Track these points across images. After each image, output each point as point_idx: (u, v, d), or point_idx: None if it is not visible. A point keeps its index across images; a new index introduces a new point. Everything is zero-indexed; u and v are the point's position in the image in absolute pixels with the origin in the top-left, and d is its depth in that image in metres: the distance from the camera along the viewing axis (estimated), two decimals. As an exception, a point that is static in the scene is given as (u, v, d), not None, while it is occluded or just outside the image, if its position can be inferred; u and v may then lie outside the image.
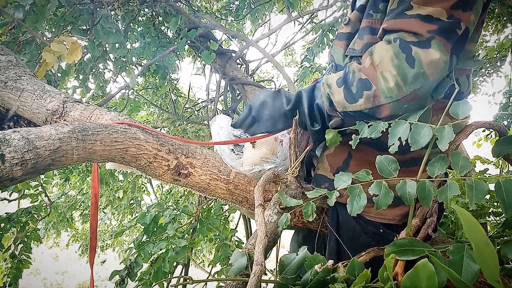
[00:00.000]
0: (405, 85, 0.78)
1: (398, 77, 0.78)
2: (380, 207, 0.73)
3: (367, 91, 0.82)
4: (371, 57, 0.84)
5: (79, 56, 1.45)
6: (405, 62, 0.77)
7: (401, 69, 0.77)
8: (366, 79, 0.83)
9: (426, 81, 0.77)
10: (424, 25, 0.78)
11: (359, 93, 0.84)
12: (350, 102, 0.86)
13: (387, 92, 0.80)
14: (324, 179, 1.06)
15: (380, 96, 0.81)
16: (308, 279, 0.66)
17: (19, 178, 0.79)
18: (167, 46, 2.90)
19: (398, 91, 0.79)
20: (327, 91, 0.91)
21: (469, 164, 0.71)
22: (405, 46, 0.78)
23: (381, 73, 0.80)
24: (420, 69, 0.77)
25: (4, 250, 2.24)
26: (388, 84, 0.79)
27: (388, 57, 0.79)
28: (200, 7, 3.76)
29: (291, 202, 0.90)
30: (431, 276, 0.45)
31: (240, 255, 0.80)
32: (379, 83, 0.80)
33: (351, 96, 0.85)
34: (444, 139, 0.71)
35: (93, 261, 1.12)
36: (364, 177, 0.79)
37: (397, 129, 0.80)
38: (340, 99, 0.88)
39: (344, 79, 0.88)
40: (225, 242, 2.10)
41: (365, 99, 0.83)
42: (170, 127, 3.99)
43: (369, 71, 0.83)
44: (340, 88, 0.88)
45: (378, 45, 0.84)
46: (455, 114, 0.76)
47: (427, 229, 0.82)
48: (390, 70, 0.79)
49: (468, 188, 0.66)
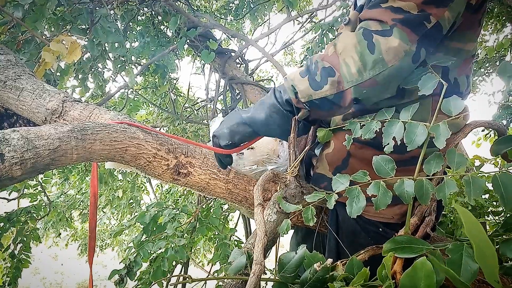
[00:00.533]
0: (365, 71, 0.81)
1: (360, 62, 0.81)
2: (379, 207, 0.73)
3: (331, 78, 0.85)
4: (334, 46, 0.87)
5: (78, 55, 1.45)
6: (366, 48, 0.81)
7: (362, 55, 0.81)
8: (330, 66, 0.86)
9: (385, 68, 0.80)
10: (391, 14, 0.81)
11: (324, 80, 0.86)
12: (315, 89, 0.88)
13: (349, 77, 0.83)
14: (323, 178, 1.07)
15: (343, 81, 0.84)
16: (307, 278, 0.66)
17: (19, 178, 0.79)
18: (167, 45, 2.90)
19: (358, 76, 0.82)
20: (290, 83, 0.92)
21: (464, 160, 0.71)
22: (368, 33, 0.82)
23: (343, 60, 0.84)
24: (379, 55, 0.80)
25: (4, 250, 2.24)
26: (350, 69, 0.83)
27: (351, 44, 0.83)
28: (200, 6, 3.76)
29: (290, 207, 0.90)
30: (430, 275, 0.45)
31: (239, 254, 0.80)
32: (341, 68, 0.84)
33: (316, 83, 0.88)
34: (440, 137, 0.72)
35: (92, 261, 1.12)
36: (361, 178, 0.79)
37: (391, 129, 0.81)
38: (305, 88, 0.89)
39: (307, 70, 0.91)
40: (225, 242, 2.10)
41: (330, 85, 0.86)
42: (170, 126, 3.99)
43: (332, 58, 0.86)
44: (304, 78, 0.90)
45: (343, 34, 0.88)
46: (447, 111, 0.76)
47: (426, 228, 0.82)
48: (352, 56, 0.82)
49: (466, 184, 0.66)
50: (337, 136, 1.05)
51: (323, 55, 0.89)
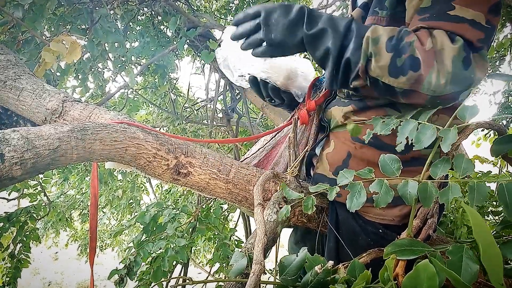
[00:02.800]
0: (453, 85, 0.74)
1: (451, 75, 0.74)
2: (379, 205, 0.73)
3: (413, 72, 0.75)
4: (432, 40, 0.76)
5: (78, 55, 1.45)
6: (462, 62, 0.74)
7: (457, 69, 0.74)
8: (419, 59, 0.75)
9: (471, 86, 0.76)
10: (473, 32, 0.76)
11: (405, 70, 0.75)
12: (391, 75, 0.77)
13: (433, 85, 0.74)
14: (324, 178, 1.06)
15: (423, 84, 0.75)
16: (308, 280, 0.66)
17: (19, 178, 0.79)
18: (166, 45, 2.90)
19: (444, 88, 0.75)
20: (370, 49, 0.78)
21: (472, 166, 0.71)
22: (466, 47, 0.75)
23: (438, 63, 0.74)
24: (472, 73, 0.75)
25: (3, 250, 2.24)
26: (439, 80, 0.74)
27: (451, 52, 0.74)
28: (200, 7, 3.76)
29: (293, 194, 0.90)
30: (432, 277, 0.45)
31: (240, 256, 0.80)
32: (431, 73, 0.74)
33: (395, 68, 0.76)
34: (447, 141, 0.71)
35: (93, 261, 1.12)
36: (366, 175, 0.79)
37: (406, 128, 0.79)
38: (383, 66, 0.77)
39: (396, 45, 0.77)
40: (225, 242, 2.10)
41: (407, 80, 0.76)
42: (170, 126, 4.00)
43: (427, 54, 0.75)
44: (388, 54, 0.76)
45: (439, 32, 0.77)
46: (462, 117, 0.75)
47: (428, 230, 0.82)
48: (447, 65, 0.74)
49: (470, 190, 0.66)
50: (337, 135, 1.05)
51: (418, 42, 0.76)
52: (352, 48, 0.80)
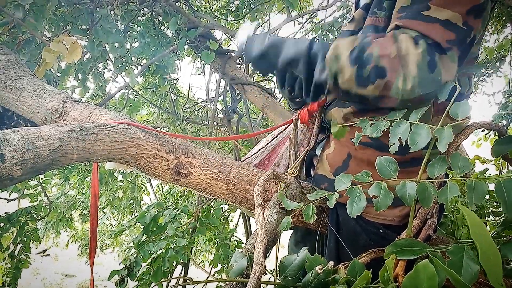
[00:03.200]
0: (420, 88, 0.76)
1: (417, 79, 0.76)
2: (380, 208, 0.73)
3: (380, 80, 0.78)
4: (396, 47, 0.78)
5: (78, 55, 1.45)
6: (427, 66, 0.76)
7: (422, 73, 0.76)
8: (384, 68, 0.78)
9: (438, 87, 0.78)
10: (443, 32, 0.77)
11: (371, 79, 0.79)
12: (359, 85, 0.80)
13: (401, 90, 0.77)
14: (324, 179, 1.06)
15: (392, 89, 0.78)
16: (308, 281, 0.66)
17: (19, 178, 0.79)
18: (167, 45, 2.90)
19: (411, 92, 0.77)
20: (334, 67, 0.82)
21: (468, 164, 0.71)
22: (430, 50, 0.77)
23: (403, 69, 0.77)
24: (438, 76, 0.76)
25: (4, 250, 2.24)
26: (405, 85, 0.76)
27: (414, 57, 0.76)
28: (200, 7, 3.76)
29: (291, 205, 0.89)
30: (432, 277, 0.45)
31: (241, 257, 0.80)
32: (397, 79, 0.77)
33: (362, 79, 0.80)
34: (443, 140, 0.71)
35: (93, 262, 1.12)
36: (364, 179, 0.79)
37: (398, 129, 0.80)
38: (349, 78, 0.81)
39: (358, 57, 0.80)
40: (225, 242, 2.10)
41: (375, 87, 0.79)
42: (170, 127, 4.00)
43: (392, 62, 0.77)
44: (351, 68, 0.80)
45: (404, 37, 0.79)
46: (455, 115, 0.76)
47: (428, 230, 0.82)
48: (411, 70, 0.76)
49: (468, 189, 0.66)
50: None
51: (382, 51, 0.79)
52: (319, 71, 0.86)
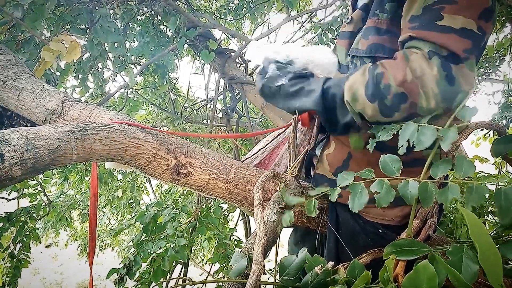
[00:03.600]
0: (444, 103, 0.78)
1: (439, 96, 0.77)
2: (381, 204, 0.73)
3: (403, 105, 0.80)
4: (410, 67, 0.79)
5: (78, 55, 1.45)
6: (446, 81, 0.77)
7: (443, 89, 0.77)
8: (403, 93, 0.79)
9: (462, 98, 0.78)
10: (459, 41, 0.77)
11: (395, 107, 0.81)
12: (385, 117, 0.83)
13: (426, 110, 0.79)
14: (324, 178, 1.06)
15: (418, 108, 0.80)
16: (308, 281, 0.66)
17: (18, 178, 0.79)
18: (166, 45, 2.90)
19: (436, 109, 0.79)
20: (356, 108, 0.85)
21: (473, 168, 0.71)
22: (445, 64, 0.77)
23: (423, 89, 0.78)
24: (459, 87, 0.77)
25: (3, 250, 2.24)
26: (429, 104, 0.78)
27: (431, 76, 0.77)
28: (199, 6, 3.76)
29: (293, 200, 0.90)
30: (432, 278, 0.45)
31: (240, 257, 0.80)
32: (420, 99, 0.78)
33: (387, 110, 0.82)
34: (447, 140, 0.71)
35: (93, 261, 1.12)
36: (366, 175, 0.79)
37: (407, 131, 0.80)
38: (374, 113, 0.83)
39: (375, 93, 0.82)
40: (225, 241, 2.10)
41: (401, 112, 0.81)
42: (169, 126, 4.00)
43: (410, 86, 0.79)
44: (373, 104, 0.82)
45: (416, 56, 0.79)
46: (462, 118, 0.76)
47: (428, 230, 0.82)
48: (432, 88, 0.77)
49: (468, 192, 0.66)
50: (337, 136, 1.05)
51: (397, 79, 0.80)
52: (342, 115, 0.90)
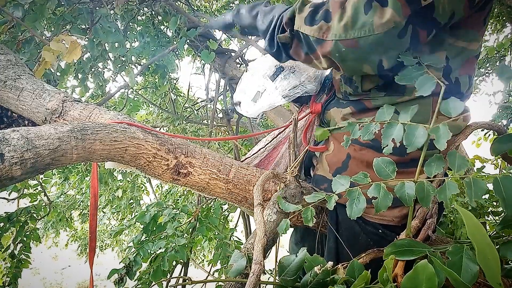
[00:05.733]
0: (352, 29, 0.80)
1: (350, 18, 0.79)
2: (380, 209, 0.72)
3: (324, 22, 0.84)
4: None
5: (78, 55, 1.45)
6: (362, 6, 0.79)
7: (356, 12, 0.79)
8: (331, 12, 0.84)
9: (370, 33, 0.78)
10: None
11: (318, 20, 0.86)
12: (306, 24, 0.87)
13: (335, 29, 0.82)
14: (324, 179, 1.06)
15: (330, 31, 0.83)
16: (307, 281, 0.66)
17: (19, 178, 0.79)
18: (167, 45, 2.90)
19: (343, 32, 0.81)
20: (298, 5, 0.91)
21: (466, 162, 0.70)
22: None
23: (341, 10, 0.82)
24: (370, 18, 0.78)
25: (4, 250, 2.24)
26: (340, 23, 0.81)
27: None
28: (200, 6, 3.76)
29: (289, 207, 0.89)
30: (431, 278, 0.45)
31: (240, 256, 0.80)
32: (334, 18, 0.83)
33: (311, 19, 0.87)
34: (441, 139, 0.70)
35: (93, 261, 1.12)
36: (362, 180, 0.78)
37: (390, 130, 0.78)
38: (302, 17, 0.89)
39: (318, 5, 0.89)
40: (225, 241, 2.10)
41: (318, 28, 0.85)
42: (170, 126, 4.00)
43: (336, 5, 0.84)
44: (309, 8, 0.89)
45: None
46: (446, 112, 0.74)
47: (427, 231, 0.82)
48: (347, 9, 0.81)
49: (467, 186, 0.65)
50: (336, 137, 1.05)
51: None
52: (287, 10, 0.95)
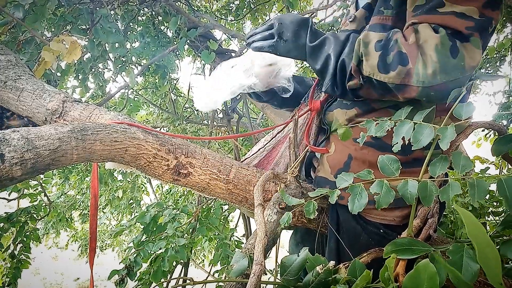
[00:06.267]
0: (442, 74, 0.76)
1: (438, 64, 0.76)
2: (381, 206, 0.73)
3: (402, 67, 0.79)
4: (415, 35, 0.79)
5: (78, 55, 1.45)
6: (448, 51, 0.76)
7: (443, 58, 0.76)
8: (406, 54, 0.79)
9: (462, 75, 0.76)
10: (460, 21, 0.77)
11: (394, 65, 0.80)
12: (381, 71, 0.82)
13: (421, 76, 0.77)
14: (325, 181, 1.06)
15: (413, 77, 0.78)
16: (309, 280, 0.65)
17: (19, 178, 0.79)
18: (167, 45, 2.90)
19: (432, 78, 0.77)
20: (361, 50, 0.85)
21: (470, 163, 0.71)
22: (450, 38, 0.77)
23: (422, 55, 0.77)
24: (461, 61, 0.76)
25: (4, 250, 2.24)
26: (426, 70, 0.76)
27: (433, 42, 0.76)
28: (200, 7, 3.76)
29: (292, 201, 0.89)
30: (433, 277, 0.45)
31: (241, 257, 0.80)
32: (417, 64, 0.77)
33: (385, 65, 0.81)
34: (446, 139, 0.71)
35: (93, 262, 1.12)
36: (365, 176, 0.79)
37: (402, 129, 0.79)
38: (372, 64, 0.83)
39: (384, 45, 0.83)
40: (225, 242, 2.10)
41: (397, 74, 0.80)
42: (170, 126, 4.00)
43: (411, 48, 0.79)
44: (376, 52, 0.83)
45: (423, 26, 0.80)
46: (458, 115, 0.75)
47: (429, 230, 0.82)
48: (431, 55, 0.76)
49: (470, 187, 0.66)
50: (338, 138, 1.05)
51: (404, 38, 0.81)
52: (347, 52, 0.89)
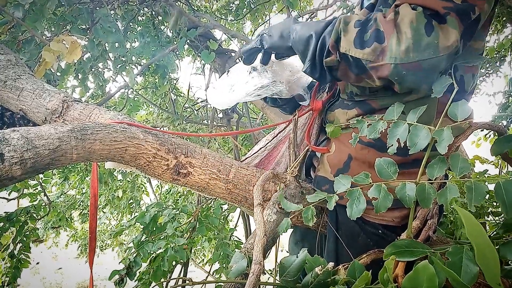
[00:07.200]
0: (414, 51, 0.75)
1: (411, 41, 0.75)
2: (380, 210, 0.72)
3: (377, 44, 0.78)
4: (394, 14, 0.79)
5: (78, 55, 1.45)
6: (423, 28, 0.75)
7: (417, 34, 0.75)
8: (383, 32, 0.78)
9: (436, 55, 0.75)
10: (440, 2, 0.76)
11: (370, 42, 0.79)
12: (356, 47, 0.81)
13: (394, 52, 0.76)
14: (325, 180, 1.06)
15: (386, 54, 0.77)
16: (308, 282, 0.65)
17: (18, 177, 0.79)
18: (167, 45, 2.90)
19: (404, 55, 0.76)
20: (341, 26, 0.85)
21: (468, 165, 0.70)
22: (426, 16, 0.76)
23: (398, 33, 0.76)
24: (435, 39, 0.74)
25: (3, 249, 2.24)
26: (399, 46, 0.76)
27: (408, 18, 0.76)
28: (200, 7, 3.76)
29: (291, 206, 0.89)
30: (432, 278, 0.45)
31: (241, 257, 0.80)
32: (391, 40, 0.77)
33: (361, 41, 0.81)
34: (443, 142, 0.70)
35: (93, 262, 1.12)
36: (363, 180, 0.78)
37: (396, 130, 0.79)
38: (349, 39, 0.82)
39: (364, 23, 0.83)
40: (225, 241, 2.10)
41: (372, 51, 0.79)
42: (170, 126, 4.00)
43: (388, 25, 0.78)
44: (355, 29, 0.83)
45: (403, 6, 0.79)
46: (453, 115, 0.75)
47: (428, 231, 0.82)
48: (406, 32, 0.75)
49: (468, 190, 0.65)
50: (338, 137, 1.05)
51: (382, 18, 0.81)
52: (328, 30, 0.89)
